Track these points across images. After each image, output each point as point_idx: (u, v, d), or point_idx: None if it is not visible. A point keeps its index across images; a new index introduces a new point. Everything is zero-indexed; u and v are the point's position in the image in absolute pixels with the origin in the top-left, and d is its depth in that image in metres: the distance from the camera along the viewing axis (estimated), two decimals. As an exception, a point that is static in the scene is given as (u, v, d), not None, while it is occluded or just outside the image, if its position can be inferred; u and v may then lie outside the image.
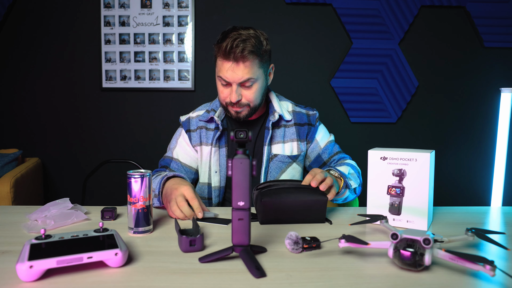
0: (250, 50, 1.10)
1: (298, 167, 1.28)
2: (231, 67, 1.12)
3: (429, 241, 0.66)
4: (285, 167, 1.25)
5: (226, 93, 1.17)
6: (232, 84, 1.14)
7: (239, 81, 1.13)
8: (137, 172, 0.88)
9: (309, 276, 0.66)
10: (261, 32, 1.16)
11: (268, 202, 0.95)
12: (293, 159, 1.26)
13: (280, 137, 1.25)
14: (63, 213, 0.99)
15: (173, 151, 1.30)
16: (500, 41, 2.63)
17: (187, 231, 0.85)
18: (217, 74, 1.17)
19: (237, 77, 1.12)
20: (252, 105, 1.19)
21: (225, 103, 1.20)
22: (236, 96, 1.14)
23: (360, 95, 2.66)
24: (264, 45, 1.15)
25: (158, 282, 0.64)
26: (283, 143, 1.25)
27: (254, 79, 1.14)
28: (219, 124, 1.23)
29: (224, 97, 1.18)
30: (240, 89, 1.15)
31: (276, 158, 1.24)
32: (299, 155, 1.27)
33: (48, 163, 2.71)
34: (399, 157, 0.92)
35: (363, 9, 2.60)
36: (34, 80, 2.65)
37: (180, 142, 1.30)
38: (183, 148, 1.29)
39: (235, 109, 1.19)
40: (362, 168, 1.40)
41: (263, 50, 1.15)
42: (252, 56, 1.11)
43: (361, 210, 1.11)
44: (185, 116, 1.33)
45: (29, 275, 0.63)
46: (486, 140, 2.72)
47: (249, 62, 1.12)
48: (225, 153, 1.25)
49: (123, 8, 2.60)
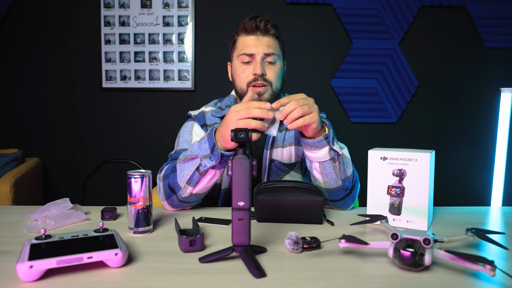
0: (273, 25, 1.15)
1: (297, 174, 1.23)
2: (256, 38, 1.13)
3: (429, 241, 0.66)
4: (282, 174, 1.20)
5: (248, 72, 1.13)
6: (256, 56, 1.12)
7: (264, 52, 1.12)
8: (137, 172, 0.88)
9: (309, 276, 0.66)
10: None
11: (263, 199, 0.96)
12: (290, 167, 1.21)
13: (280, 140, 1.21)
14: (63, 213, 0.99)
15: (190, 143, 1.16)
16: (500, 41, 2.63)
17: (187, 231, 0.85)
18: (239, 54, 1.14)
19: (263, 48, 1.12)
20: (274, 86, 1.13)
21: (246, 84, 1.13)
22: (262, 68, 1.10)
23: (360, 95, 2.66)
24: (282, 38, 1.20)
25: (158, 282, 0.64)
26: (282, 147, 1.20)
27: (277, 56, 1.14)
28: None
29: (246, 77, 1.13)
30: (264, 64, 1.13)
31: (274, 164, 1.19)
32: (296, 162, 1.21)
33: (48, 163, 2.71)
34: (399, 157, 0.92)
35: (363, 9, 2.60)
36: (34, 80, 2.65)
37: (195, 133, 1.19)
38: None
39: (258, 90, 1.11)
40: (362, 168, 1.39)
41: (282, 41, 1.19)
42: (275, 31, 1.15)
43: (361, 210, 1.11)
44: (197, 111, 1.25)
45: (29, 275, 0.63)
46: (486, 140, 2.72)
47: (273, 38, 1.15)
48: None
49: (123, 8, 2.60)
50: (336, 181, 1.04)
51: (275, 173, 1.19)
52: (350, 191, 1.08)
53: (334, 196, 1.07)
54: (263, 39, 1.13)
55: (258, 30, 1.13)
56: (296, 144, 1.21)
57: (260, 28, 1.13)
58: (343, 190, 1.06)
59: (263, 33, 1.14)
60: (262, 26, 1.13)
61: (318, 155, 1.00)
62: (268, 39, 1.14)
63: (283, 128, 1.22)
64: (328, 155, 1.00)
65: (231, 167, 0.72)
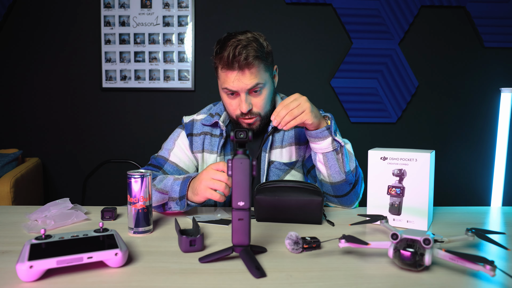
0: (254, 55, 1.04)
1: (298, 173, 1.21)
2: (237, 76, 1.05)
3: (429, 241, 0.66)
4: (283, 174, 1.19)
5: (235, 105, 1.10)
6: (240, 93, 1.08)
7: (247, 88, 1.06)
8: (137, 172, 0.88)
9: (309, 276, 0.66)
10: (259, 34, 1.11)
11: (262, 199, 0.97)
12: (291, 166, 1.19)
13: (279, 141, 1.19)
14: (63, 213, 0.99)
15: (169, 152, 1.21)
16: (500, 41, 2.63)
17: (187, 231, 0.85)
18: (222, 87, 1.10)
19: (245, 85, 1.06)
20: (263, 113, 1.12)
21: (235, 117, 1.12)
22: (247, 105, 1.07)
23: (360, 95, 2.66)
24: (266, 47, 1.10)
25: (158, 282, 0.64)
26: (281, 148, 1.18)
27: (262, 84, 1.08)
28: (224, 130, 1.17)
29: (233, 110, 1.11)
30: (249, 97, 1.09)
31: (273, 165, 1.18)
32: (297, 161, 1.19)
33: (48, 163, 2.71)
34: (399, 157, 0.92)
35: (363, 9, 2.60)
36: (34, 80, 2.65)
37: (179, 144, 1.22)
38: (181, 151, 1.22)
39: (247, 121, 1.12)
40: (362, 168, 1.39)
41: (266, 53, 1.09)
42: (257, 62, 1.06)
43: (361, 210, 1.11)
44: (189, 118, 1.25)
45: (29, 275, 0.63)
46: (486, 140, 2.72)
47: (255, 68, 1.06)
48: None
49: (123, 8, 2.60)
50: (339, 173, 1.05)
51: (274, 174, 1.18)
52: (353, 185, 1.09)
53: (339, 191, 1.08)
54: (244, 75, 1.05)
55: (237, 65, 1.04)
56: (296, 143, 1.20)
57: (240, 64, 1.04)
58: (347, 184, 1.07)
59: (243, 68, 1.04)
60: (242, 61, 1.03)
61: (322, 145, 1.03)
62: (250, 73, 1.05)
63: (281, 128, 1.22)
64: (331, 146, 1.03)
65: (231, 167, 0.72)
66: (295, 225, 0.96)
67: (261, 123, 1.14)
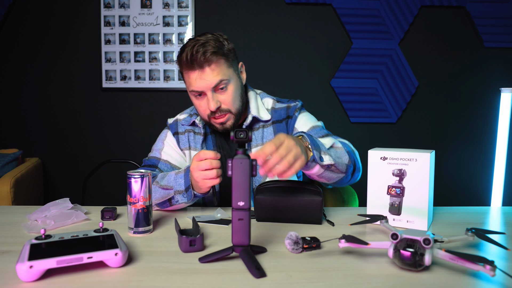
0: (212, 51, 1.04)
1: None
2: (198, 75, 1.05)
3: (429, 241, 0.66)
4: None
5: (204, 105, 1.10)
6: (206, 92, 1.07)
7: (211, 86, 1.06)
8: (137, 172, 0.88)
9: (309, 276, 0.66)
10: (219, 34, 1.11)
11: (261, 199, 0.97)
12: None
13: (259, 139, 1.18)
14: (63, 213, 0.99)
15: (160, 152, 1.22)
16: (500, 41, 2.63)
17: (187, 231, 0.85)
18: (189, 90, 1.11)
19: (208, 83, 1.05)
20: (234, 110, 1.12)
21: (207, 117, 1.12)
22: (214, 103, 1.07)
23: (360, 95, 2.66)
24: (226, 45, 1.09)
25: (158, 282, 0.64)
26: (262, 145, 1.16)
27: (227, 80, 1.08)
28: (201, 127, 1.19)
29: (203, 110, 1.11)
30: (216, 95, 1.08)
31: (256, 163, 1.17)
32: None
33: (48, 163, 2.71)
34: (399, 157, 0.92)
35: (363, 9, 2.60)
36: (34, 80, 2.65)
37: (167, 143, 1.23)
38: (171, 149, 1.23)
39: (219, 121, 1.11)
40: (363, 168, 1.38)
41: (226, 49, 1.08)
42: (216, 57, 1.05)
43: (361, 210, 1.11)
44: (172, 119, 1.27)
45: (29, 275, 0.63)
46: (486, 140, 2.72)
47: (215, 64, 1.05)
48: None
49: (123, 8, 2.60)
50: (337, 176, 1.02)
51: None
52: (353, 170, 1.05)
53: (341, 183, 1.06)
54: (205, 73, 1.05)
55: (196, 64, 1.04)
56: None
57: (198, 62, 1.04)
58: (347, 176, 1.03)
59: (203, 65, 1.05)
60: (200, 58, 1.03)
61: (312, 172, 0.95)
62: (211, 70, 1.05)
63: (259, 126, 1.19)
64: (322, 169, 0.95)
65: (231, 167, 0.72)
66: (295, 225, 0.96)
67: (235, 120, 1.14)
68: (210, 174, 0.94)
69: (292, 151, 0.80)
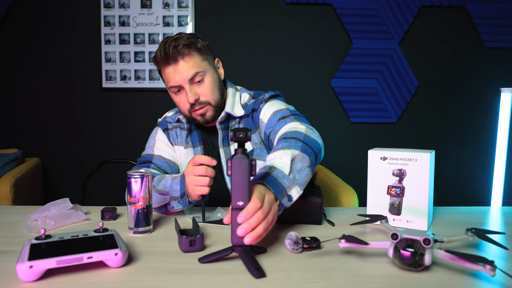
0: (184, 44, 1.07)
1: (260, 161, 1.17)
2: (173, 68, 1.08)
3: (429, 241, 0.66)
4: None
5: (183, 100, 1.12)
6: (184, 85, 1.10)
7: (187, 78, 1.08)
8: (137, 172, 0.88)
9: (309, 276, 0.66)
10: (193, 33, 1.14)
11: None
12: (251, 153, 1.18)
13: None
14: (63, 213, 0.99)
15: (153, 148, 1.24)
16: (500, 41, 2.63)
17: (187, 231, 0.85)
18: (167, 87, 1.13)
19: (184, 75, 1.08)
20: (213, 101, 1.13)
21: (188, 112, 1.14)
22: (192, 95, 1.09)
23: (360, 95, 2.66)
24: (199, 41, 1.12)
25: (158, 282, 0.64)
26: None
27: (203, 72, 1.10)
28: (185, 122, 1.20)
29: (183, 105, 1.13)
30: (194, 88, 1.10)
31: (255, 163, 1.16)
32: (253, 149, 1.18)
33: (48, 163, 2.71)
34: (399, 157, 0.92)
35: (363, 9, 2.60)
36: (34, 80, 2.65)
37: (158, 139, 1.26)
38: (163, 145, 1.25)
39: (199, 112, 1.13)
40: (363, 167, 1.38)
41: (200, 45, 1.11)
42: (187, 50, 1.08)
43: (361, 210, 1.11)
44: (161, 117, 1.30)
45: (29, 275, 0.63)
46: (486, 140, 2.72)
47: (188, 56, 1.08)
48: (201, 151, 1.22)
49: (123, 8, 2.60)
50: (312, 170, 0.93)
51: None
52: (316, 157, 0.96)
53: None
54: (179, 66, 1.08)
55: (170, 58, 1.07)
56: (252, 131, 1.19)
57: (171, 56, 1.07)
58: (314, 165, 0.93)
59: (176, 59, 1.08)
60: (172, 52, 1.06)
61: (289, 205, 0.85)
62: (185, 62, 1.08)
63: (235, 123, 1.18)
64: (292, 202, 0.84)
65: (230, 167, 0.72)
66: (295, 225, 0.96)
67: (214, 112, 1.15)
68: (202, 181, 0.94)
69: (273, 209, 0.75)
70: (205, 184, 0.94)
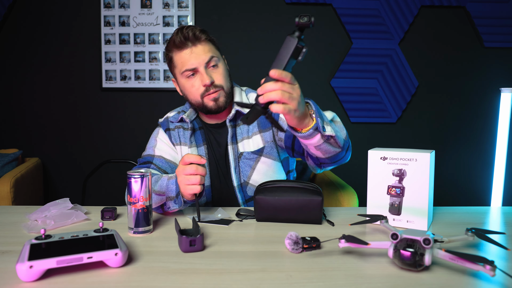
0: (200, 30, 1.12)
1: (269, 160, 1.19)
2: (190, 51, 1.11)
3: (429, 241, 0.66)
4: (253, 164, 1.19)
5: (197, 84, 1.13)
6: (199, 68, 1.12)
7: (204, 61, 1.11)
8: (137, 172, 0.88)
9: (309, 276, 0.66)
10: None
11: (261, 199, 0.97)
12: (259, 153, 1.19)
13: (244, 132, 1.20)
14: (63, 213, 0.99)
15: (154, 149, 1.24)
16: (500, 41, 2.63)
17: (187, 231, 0.85)
18: (181, 71, 1.14)
19: (201, 58, 1.11)
20: (226, 88, 1.15)
21: (200, 97, 1.14)
22: (208, 77, 1.11)
23: (360, 95, 2.66)
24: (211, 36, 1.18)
25: (158, 282, 0.64)
26: (248, 138, 1.19)
27: (217, 58, 1.14)
28: (189, 122, 1.21)
29: (196, 90, 1.14)
30: (209, 72, 1.13)
31: (243, 156, 1.18)
32: (264, 147, 1.19)
33: (48, 163, 2.71)
34: (399, 157, 0.92)
35: (363, 9, 2.60)
36: (34, 80, 2.65)
37: (160, 139, 1.26)
38: (164, 145, 1.25)
39: (212, 96, 1.13)
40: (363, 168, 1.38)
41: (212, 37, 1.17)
42: (205, 36, 1.13)
43: (361, 210, 1.11)
44: (163, 117, 1.31)
45: (29, 275, 0.63)
46: (486, 140, 2.72)
47: (205, 42, 1.13)
48: (204, 151, 1.22)
49: (123, 8, 2.60)
50: (334, 150, 1.00)
51: (246, 164, 1.19)
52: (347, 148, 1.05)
53: (335, 158, 1.04)
54: (197, 49, 1.12)
55: (188, 41, 1.11)
56: (260, 131, 1.20)
57: (190, 39, 1.11)
58: (342, 151, 1.03)
59: (194, 42, 1.12)
60: (191, 35, 1.11)
61: (312, 142, 0.95)
62: (202, 46, 1.12)
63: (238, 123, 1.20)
64: (322, 140, 0.94)
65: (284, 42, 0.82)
66: (295, 225, 0.96)
67: (226, 100, 1.16)
68: (193, 179, 0.94)
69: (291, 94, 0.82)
70: (196, 182, 0.94)
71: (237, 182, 1.19)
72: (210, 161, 1.23)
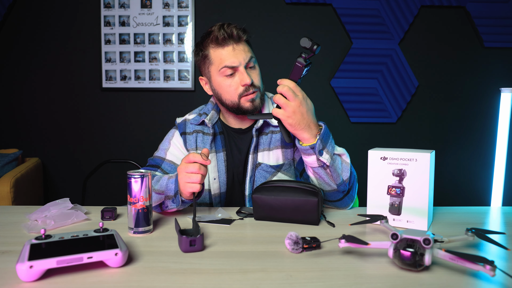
0: (243, 29, 1.11)
1: (285, 176, 1.18)
2: (233, 48, 1.09)
3: (429, 241, 0.66)
4: (269, 177, 1.17)
5: (235, 84, 1.11)
6: (240, 67, 1.10)
7: (245, 61, 1.10)
8: (137, 172, 0.88)
9: (309, 276, 0.66)
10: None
11: (258, 198, 0.97)
12: (277, 169, 1.17)
13: (266, 144, 1.17)
14: (63, 213, 0.99)
15: (166, 152, 1.21)
16: (500, 41, 2.63)
17: (187, 231, 0.85)
18: (220, 68, 1.10)
19: (243, 56, 1.10)
20: (261, 88, 1.15)
21: (237, 97, 1.11)
22: (249, 77, 1.09)
23: (360, 95, 2.66)
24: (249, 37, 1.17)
25: (158, 282, 0.64)
26: (269, 150, 1.17)
27: (255, 59, 1.13)
28: (210, 127, 1.18)
29: (235, 90, 1.11)
30: (248, 72, 1.12)
31: (260, 167, 1.16)
32: (283, 164, 1.17)
33: (48, 163, 2.71)
34: (399, 157, 0.92)
35: (363, 9, 2.60)
36: (34, 80, 2.65)
37: (174, 143, 1.22)
38: (177, 150, 1.22)
39: (250, 97, 1.11)
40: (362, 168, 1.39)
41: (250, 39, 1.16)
42: (246, 36, 1.12)
43: (361, 210, 1.11)
44: (181, 118, 1.26)
45: (29, 275, 0.63)
46: (486, 140, 2.72)
47: (244, 42, 1.12)
48: (223, 157, 1.19)
49: (123, 8, 2.60)
50: (329, 185, 1.03)
51: (262, 176, 1.17)
52: (347, 192, 1.07)
53: (331, 197, 1.07)
54: (239, 47, 1.10)
55: (231, 39, 1.09)
56: (283, 147, 1.18)
57: (234, 37, 1.09)
58: (338, 192, 1.05)
59: (237, 41, 1.10)
60: (235, 34, 1.09)
61: (308, 160, 1.01)
62: (243, 45, 1.11)
63: (268, 131, 1.19)
64: (317, 163, 1.00)
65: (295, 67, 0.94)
66: (295, 225, 0.96)
67: (260, 99, 1.15)
68: (193, 178, 0.93)
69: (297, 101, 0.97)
70: (197, 181, 0.93)
71: (249, 191, 1.16)
72: (228, 168, 1.19)
